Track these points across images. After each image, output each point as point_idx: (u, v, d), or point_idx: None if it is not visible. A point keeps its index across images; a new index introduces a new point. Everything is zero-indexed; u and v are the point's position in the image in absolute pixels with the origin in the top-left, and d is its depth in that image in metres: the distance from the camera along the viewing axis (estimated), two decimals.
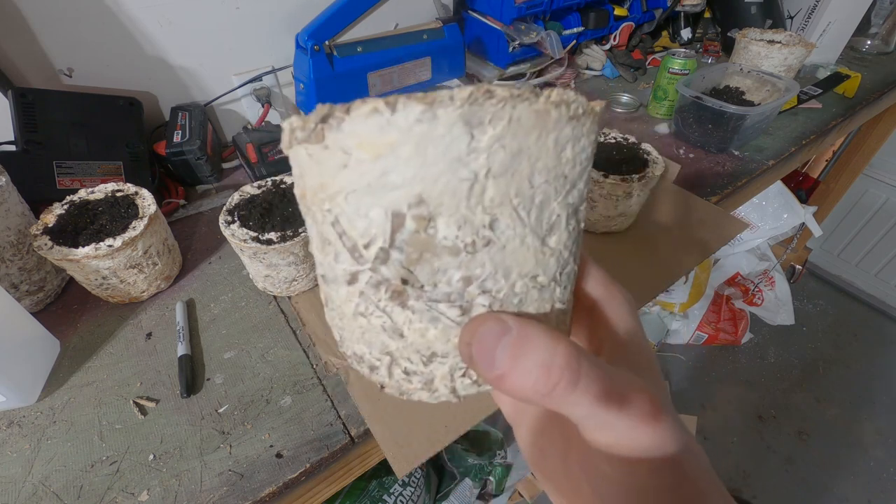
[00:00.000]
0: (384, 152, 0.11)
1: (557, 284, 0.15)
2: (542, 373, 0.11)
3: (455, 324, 0.14)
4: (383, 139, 0.11)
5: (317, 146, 0.12)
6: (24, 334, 0.45)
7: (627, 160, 0.59)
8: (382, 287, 0.13)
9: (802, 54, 0.85)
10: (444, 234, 0.12)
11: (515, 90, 0.11)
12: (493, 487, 1.11)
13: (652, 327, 1.54)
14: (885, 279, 1.73)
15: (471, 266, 0.13)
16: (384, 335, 0.14)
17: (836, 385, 1.54)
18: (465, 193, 0.12)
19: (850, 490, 1.30)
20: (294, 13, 0.76)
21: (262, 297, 0.54)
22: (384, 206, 0.12)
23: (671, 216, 0.65)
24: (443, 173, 0.11)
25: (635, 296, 0.54)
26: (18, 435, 0.42)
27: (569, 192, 0.14)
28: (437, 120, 0.11)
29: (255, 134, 0.68)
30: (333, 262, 0.14)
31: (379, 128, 0.11)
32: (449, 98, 0.11)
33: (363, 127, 0.11)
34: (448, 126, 0.11)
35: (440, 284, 0.13)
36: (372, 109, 0.11)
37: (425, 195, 0.12)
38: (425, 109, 0.11)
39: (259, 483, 0.38)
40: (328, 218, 0.13)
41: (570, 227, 0.14)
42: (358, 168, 0.12)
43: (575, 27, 0.94)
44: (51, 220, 0.49)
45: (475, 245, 0.12)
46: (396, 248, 0.13)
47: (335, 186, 0.12)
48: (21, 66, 0.62)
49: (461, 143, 0.11)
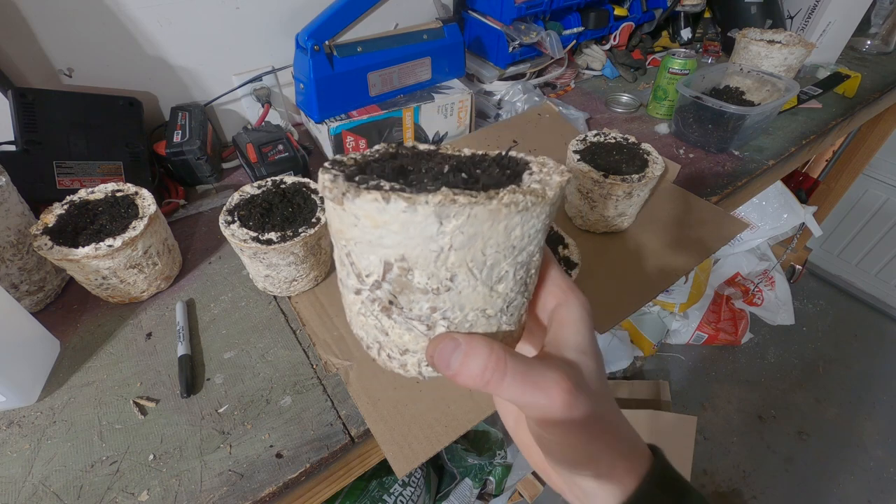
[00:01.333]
0: (380, 225, 0.16)
1: (504, 314, 0.20)
2: (479, 372, 0.18)
3: (423, 334, 0.19)
4: (380, 217, 0.16)
5: (339, 206, 0.17)
6: (24, 334, 0.45)
7: (627, 160, 0.59)
8: (376, 303, 0.19)
9: (802, 54, 0.85)
10: (418, 280, 0.18)
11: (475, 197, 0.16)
12: (493, 487, 1.11)
13: (652, 327, 1.54)
14: (885, 279, 1.73)
15: (436, 301, 0.18)
16: (376, 331, 0.20)
17: (836, 385, 1.54)
18: (434, 258, 0.17)
19: (850, 490, 1.30)
20: (294, 13, 0.76)
21: (262, 297, 0.54)
22: (379, 255, 0.17)
23: (671, 216, 0.65)
24: (418, 244, 0.16)
25: (636, 296, 0.55)
26: (18, 435, 0.42)
27: (517, 255, 0.18)
28: (416, 212, 0.15)
29: (255, 134, 0.68)
30: (346, 277, 0.20)
31: (377, 210, 0.16)
32: (425, 201, 0.15)
33: (367, 207, 0.16)
34: (424, 217, 0.15)
35: (414, 309, 0.19)
36: (373, 199, 0.15)
37: (406, 255, 0.17)
38: (408, 205, 0.15)
39: (259, 483, 0.38)
40: (344, 250, 0.19)
41: (517, 277, 0.19)
42: (363, 229, 0.17)
43: (575, 27, 0.94)
44: (51, 220, 0.49)
45: (439, 290, 0.18)
46: (386, 282, 0.18)
47: (348, 234, 0.17)
48: (21, 66, 0.62)
49: (432, 228, 0.16)
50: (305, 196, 0.52)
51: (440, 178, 0.18)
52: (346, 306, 0.22)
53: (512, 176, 0.19)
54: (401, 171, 0.19)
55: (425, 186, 0.16)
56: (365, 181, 0.17)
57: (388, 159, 0.20)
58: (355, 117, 0.69)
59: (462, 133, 0.80)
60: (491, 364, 0.18)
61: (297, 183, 0.53)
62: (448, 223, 0.16)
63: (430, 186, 0.16)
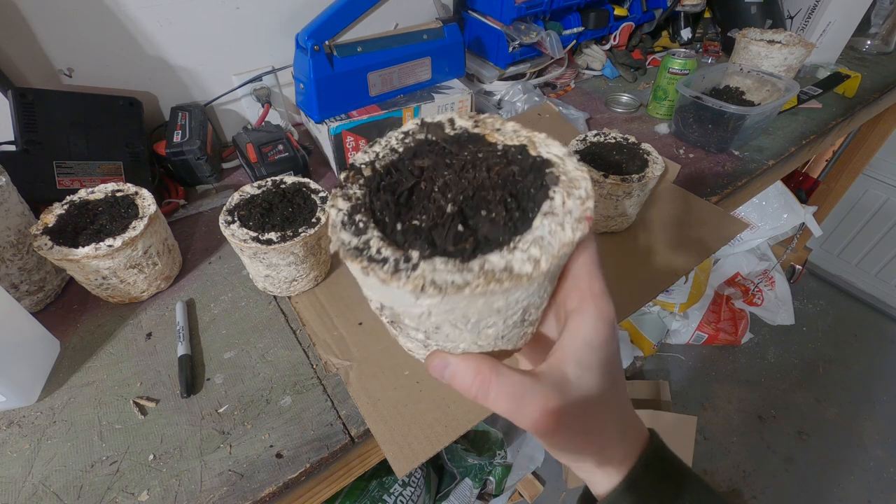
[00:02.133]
0: (369, 285, 0.18)
1: (498, 341, 0.21)
2: (465, 388, 0.20)
3: (422, 344, 0.21)
4: (365, 279, 0.17)
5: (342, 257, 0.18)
6: (24, 334, 0.45)
7: (627, 160, 0.59)
8: (385, 318, 0.21)
9: (802, 54, 0.85)
10: (407, 323, 0.19)
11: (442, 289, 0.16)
12: (493, 487, 1.11)
13: (652, 327, 1.54)
14: (885, 279, 1.73)
15: (428, 335, 0.20)
16: (391, 329, 0.23)
17: (836, 385, 1.54)
18: (416, 316, 0.18)
19: (850, 490, 1.30)
20: (294, 13, 0.76)
21: (262, 297, 0.54)
22: (376, 299, 0.20)
23: (671, 216, 0.65)
24: (401, 305, 0.18)
25: (636, 296, 0.55)
26: (18, 435, 0.42)
27: (507, 317, 0.19)
28: (391, 288, 0.16)
29: (255, 134, 0.68)
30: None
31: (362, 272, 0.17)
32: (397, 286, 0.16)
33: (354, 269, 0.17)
34: (400, 291, 0.16)
35: (411, 333, 0.21)
36: (359, 267, 0.17)
37: (395, 308, 0.19)
38: (382, 283, 0.16)
39: (259, 483, 0.38)
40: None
41: (508, 323, 0.19)
42: (362, 280, 0.18)
43: (575, 27, 0.94)
44: (51, 220, 0.49)
45: (427, 333, 0.20)
46: (384, 313, 0.20)
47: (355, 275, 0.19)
48: (21, 66, 0.62)
49: (409, 300, 0.17)
50: (305, 196, 0.52)
51: (437, 223, 0.19)
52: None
53: (521, 218, 0.18)
54: (407, 202, 0.20)
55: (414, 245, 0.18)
56: (358, 232, 0.18)
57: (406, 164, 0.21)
58: (355, 117, 0.69)
59: None
60: (476, 384, 0.19)
61: (297, 183, 0.53)
62: (423, 300, 0.16)
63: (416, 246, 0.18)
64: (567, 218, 0.18)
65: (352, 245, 0.18)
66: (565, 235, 0.17)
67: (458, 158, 0.21)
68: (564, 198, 0.18)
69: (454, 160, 0.21)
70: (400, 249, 0.17)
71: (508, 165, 0.20)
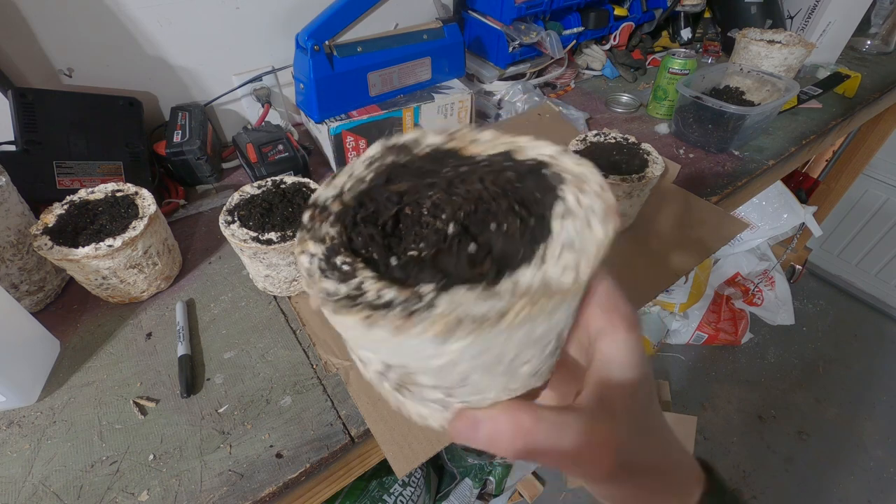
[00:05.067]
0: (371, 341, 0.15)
1: (530, 379, 0.18)
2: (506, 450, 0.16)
3: (441, 410, 0.18)
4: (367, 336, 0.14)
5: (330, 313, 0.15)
6: (24, 334, 0.45)
7: (627, 160, 0.59)
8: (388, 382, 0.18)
9: (802, 54, 0.85)
10: (423, 382, 0.16)
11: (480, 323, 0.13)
12: (492, 487, 1.11)
13: (652, 327, 1.54)
14: (885, 279, 1.73)
15: (450, 392, 0.17)
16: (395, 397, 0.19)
17: (836, 385, 1.54)
18: (437, 369, 0.15)
19: (850, 490, 1.30)
20: (294, 13, 0.76)
21: (262, 297, 0.54)
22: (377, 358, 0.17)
23: (671, 216, 0.65)
24: (417, 360, 0.15)
25: (636, 296, 0.54)
26: (18, 435, 0.42)
27: (545, 346, 0.16)
28: (406, 339, 0.13)
29: (255, 134, 0.68)
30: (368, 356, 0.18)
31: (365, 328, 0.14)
32: (424, 326, 0.13)
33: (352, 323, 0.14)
34: (418, 341, 0.13)
35: (426, 395, 0.17)
36: (357, 319, 0.13)
37: (409, 365, 0.16)
38: (395, 333, 0.13)
39: (259, 483, 0.38)
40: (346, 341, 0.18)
41: (544, 353, 0.17)
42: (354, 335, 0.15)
43: (575, 27, 0.94)
44: (51, 220, 0.49)
45: (450, 389, 0.16)
46: (389, 376, 0.17)
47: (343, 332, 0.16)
48: (21, 66, 0.62)
49: (429, 350, 0.14)
50: (305, 196, 0.52)
51: (442, 248, 0.16)
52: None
53: (538, 226, 0.16)
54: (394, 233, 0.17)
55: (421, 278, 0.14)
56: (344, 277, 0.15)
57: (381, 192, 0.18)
58: (355, 117, 0.69)
59: None
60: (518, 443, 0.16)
61: (297, 183, 0.53)
62: (451, 344, 0.13)
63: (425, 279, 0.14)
64: (591, 215, 0.16)
65: (341, 294, 0.14)
66: (597, 234, 0.15)
67: (440, 176, 0.18)
68: (578, 195, 0.16)
69: (436, 178, 0.18)
70: (405, 287, 0.14)
71: (503, 172, 0.18)
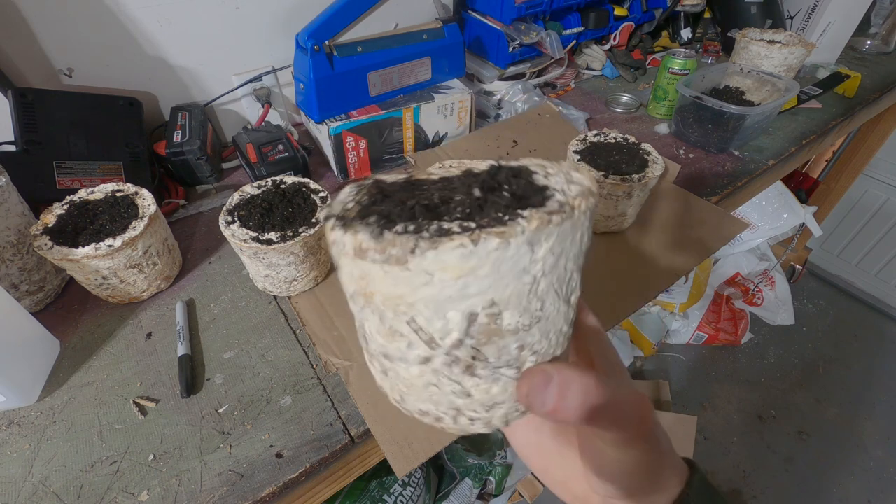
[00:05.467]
0: (466, 273, 0.14)
1: (570, 328, 0.19)
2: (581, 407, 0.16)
3: (512, 379, 0.17)
4: (466, 265, 0.13)
5: (396, 267, 0.14)
6: (24, 334, 0.45)
7: (627, 160, 0.59)
8: (455, 365, 0.16)
9: (802, 54, 0.85)
10: (509, 322, 0.16)
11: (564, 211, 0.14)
12: (493, 487, 1.11)
13: (652, 327, 1.54)
14: (885, 279, 1.73)
15: (525, 338, 0.16)
16: (453, 396, 0.18)
17: (836, 385, 1.54)
18: (527, 292, 0.15)
19: (850, 490, 1.30)
20: (294, 13, 0.76)
21: (262, 297, 0.54)
22: (461, 309, 0.15)
23: (671, 216, 0.65)
24: (511, 282, 0.15)
25: (636, 296, 0.55)
26: (18, 435, 0.42)
27: (581, 258, 0.17)
28: (509, 247, 0.14)
29: (255, 134, 0.68)
30: (405, 348, 0.17)
31: (462, 257, 0.13)
32: (521, 230, 0.14)
33: (448, 257, 0.13)
34: (517, 249, 0.14)
35: (502, 356, 0.16)
36: (458, 244, 0.13)
37: (497, 299, 0.15)
38: (501, 241, 0.13)
39: (259, 483, 0.38)
40: (403, 318, 0.16)
41: (579, 283, 0.18)
42: (440, 285, 0.14)
43: (575, 27, 0.94)
44: (51, 220, 0.49)
45: (530, 324, 0.16)
46: (469, 337, 0.16)
47: (414, 297, 0.14)
48: (21, 66, 0.62)
49: (525, 259, 0.14)
50: (305, 196, 0.52)
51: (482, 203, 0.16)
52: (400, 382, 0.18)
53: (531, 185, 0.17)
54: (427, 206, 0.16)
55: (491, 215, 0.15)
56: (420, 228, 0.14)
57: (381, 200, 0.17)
58: (355, 117, 0.69)
59: (462, 133, 0.80)
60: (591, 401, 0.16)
61: (297, 183, 0.53)
62: (539, 249, 0.14)
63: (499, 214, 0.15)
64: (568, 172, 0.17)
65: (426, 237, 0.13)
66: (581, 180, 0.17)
67: (423, 190, 0.18)
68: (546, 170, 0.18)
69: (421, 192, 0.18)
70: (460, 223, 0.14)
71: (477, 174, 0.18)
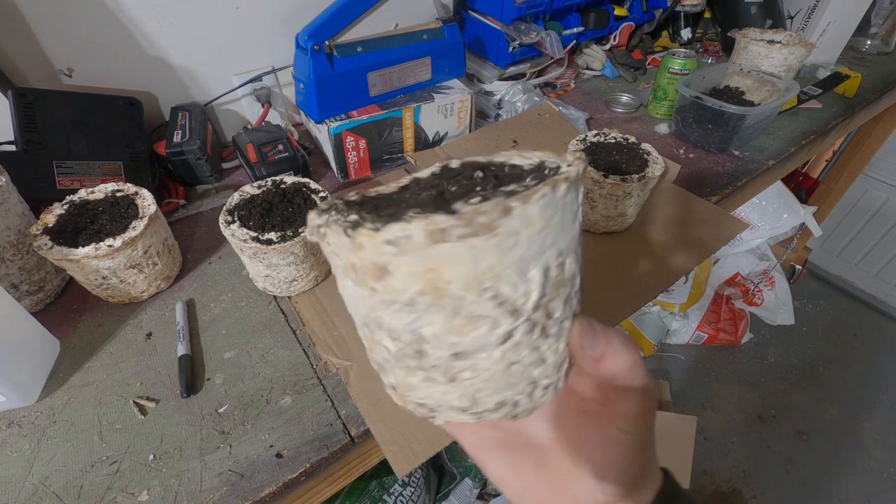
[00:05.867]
0: (545, 226, 0.14)
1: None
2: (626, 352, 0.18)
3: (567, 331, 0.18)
4: (546, 214, 0.14)
5: (483, 237, 0.13)
6: (24, 334, 0.45)
7: (627, 160, 0.59)
8: (534, 330, 0.16)
9: (802, 54, 0.85)
10: (569, 269, 0.16)
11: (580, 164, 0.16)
12: (493, 487, 1.11)
13: (652, 327, 1.54)
14: (885, 279, 1.73)
15: (573, 284, 0.17)
16: (531, 368, 0.17)
17: (836, 385, 1.54)
18: (577, 234, 0.16)
19: (850, 490, 1.30)
20: (294, 13, 0.76)
21: (262, 297, 0.54)
22: (540, 265, 0.15)
23: (671, 216, 0.65)
24: (569, 228, 0.16)
25: (635, 296, 0.55)
26: (18, 435, 0.42)
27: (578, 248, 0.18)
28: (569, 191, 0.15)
29: (255, 134, 0.68)
30: (487, 332, 0.16)
31: (545, 206, 0.14)
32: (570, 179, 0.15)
33: (533, 210, 0.14)
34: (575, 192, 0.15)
35: (566, 308, 0.17)
36: (542, 195, 0.14)
37: (562, 247, 0.16)
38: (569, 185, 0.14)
39: (259, 483, 0.38)
40: (486, 295, 0.15)
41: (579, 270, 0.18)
42: (526, 244, 0.14)
43: (575, 27, 0.94)
44: (51, 220, 0.49)
45: (577, 269, 0.17)
46: (543, 295, 0.16)
47: (503, 264, 0.14)
48: (21, 66, 0.62)
49: (577, 200, 0.16)
50: (305, 196, 0.52)
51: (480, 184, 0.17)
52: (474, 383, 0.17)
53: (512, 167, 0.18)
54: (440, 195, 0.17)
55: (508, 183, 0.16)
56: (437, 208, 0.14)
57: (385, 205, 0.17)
58: (355, 117, 0.69)
59: (462, 133, 0.80)
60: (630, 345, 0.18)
61: (297, 183, 0.53)
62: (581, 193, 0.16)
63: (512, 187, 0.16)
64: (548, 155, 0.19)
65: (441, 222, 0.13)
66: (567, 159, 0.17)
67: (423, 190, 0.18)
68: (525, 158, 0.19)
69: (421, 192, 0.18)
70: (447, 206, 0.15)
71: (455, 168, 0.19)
